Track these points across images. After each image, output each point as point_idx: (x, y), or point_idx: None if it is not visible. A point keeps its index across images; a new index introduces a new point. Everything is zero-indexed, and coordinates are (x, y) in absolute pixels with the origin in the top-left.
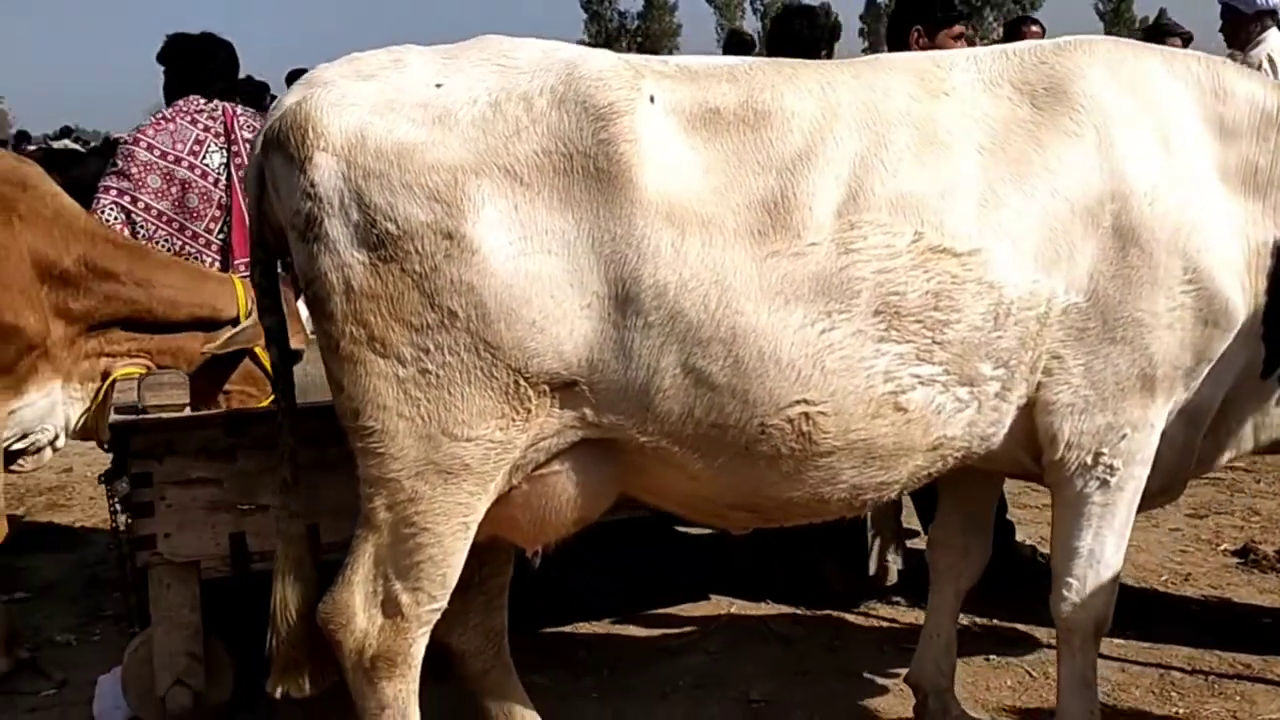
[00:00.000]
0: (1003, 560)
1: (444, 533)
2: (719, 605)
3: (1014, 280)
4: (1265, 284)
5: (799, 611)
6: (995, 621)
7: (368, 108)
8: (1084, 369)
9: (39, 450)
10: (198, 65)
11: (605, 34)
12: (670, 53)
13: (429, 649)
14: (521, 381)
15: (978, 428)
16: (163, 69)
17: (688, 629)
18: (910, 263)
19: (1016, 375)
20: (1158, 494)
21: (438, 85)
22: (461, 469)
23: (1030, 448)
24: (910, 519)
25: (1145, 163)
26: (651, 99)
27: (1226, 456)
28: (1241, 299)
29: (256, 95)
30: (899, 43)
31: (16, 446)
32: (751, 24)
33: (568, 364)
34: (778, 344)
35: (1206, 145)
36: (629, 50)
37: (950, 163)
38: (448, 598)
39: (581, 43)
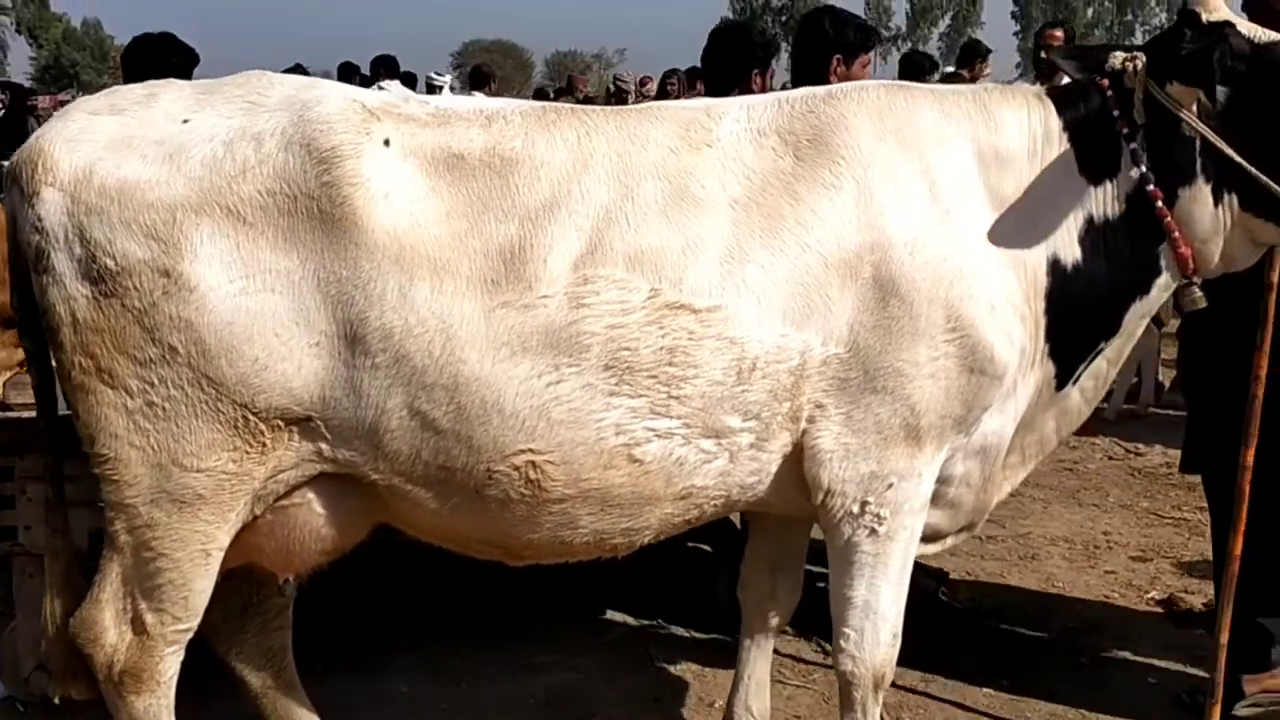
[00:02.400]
0: None
1: (182, 559)
2: (612, 621)
3: (758, 335)
4: (1044, 304)
5: (687, 634)
6: None
7: (103, 143)
8: (845, 417)
9: None
10: (153, 66)
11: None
12: None
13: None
14: (250, 416)
15: (735, 477)
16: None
17: (566, 646)
18: (645, 319)
19: (773, 426)
20: (962, 531)
21: (185, 121)
22: (195, 498)
23: (805, 493)
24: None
25: (907, 212)
26: (386, 142)
27: (1033, 465)
28: (1015, 336)
29: None
30: (814, 70)
31: None
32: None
33: (299, 400)
34: (502, 394)
35: (980, 181)
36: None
37: (698, 218)
38: (195, 618)
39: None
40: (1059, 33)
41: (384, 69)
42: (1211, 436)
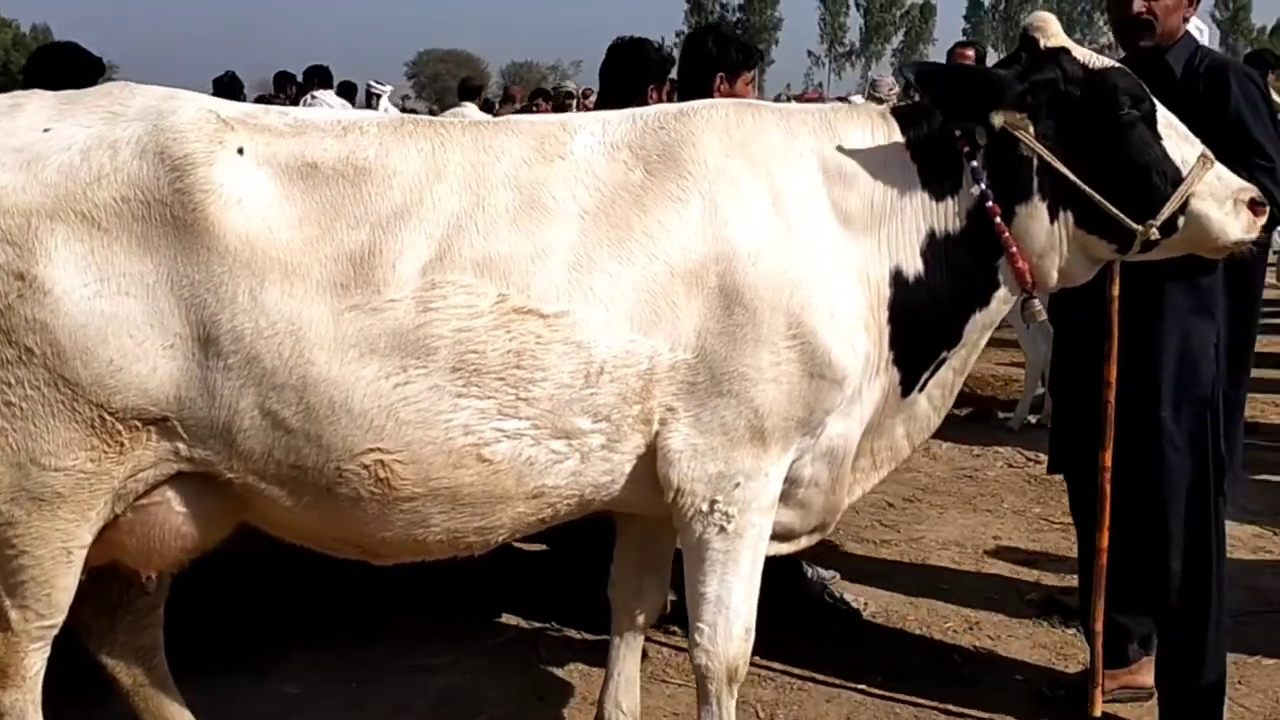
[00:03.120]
0: (790, 599)
1: (43, 556)
2: (506, 623)
3: (606, 341)
4: (887, 314)
5: (578, 636)
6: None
7: None
8: (694, 419)
9: None
10: (52, 76)
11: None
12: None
13: None
14: (107, 416)
15: (587, 477)
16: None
17: (457, 646)
18: (492, 323)
19: (624, 428)
20: (815, 531)
21: (45, 130)
22: (54, 497)
23: (660, 493)
24: None
25: (751, 224)
26: (240, 151)
27: (886, 470)
28: (857, 343)
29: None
30: (699, 87)
31: None
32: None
33: (155, 400)
34: (350, 394)
35: (824, 196)
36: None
37: (547, 226)
38: (59, 615)
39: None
40: (969, 52)
41: (317, 79)
42: (1072, 439)
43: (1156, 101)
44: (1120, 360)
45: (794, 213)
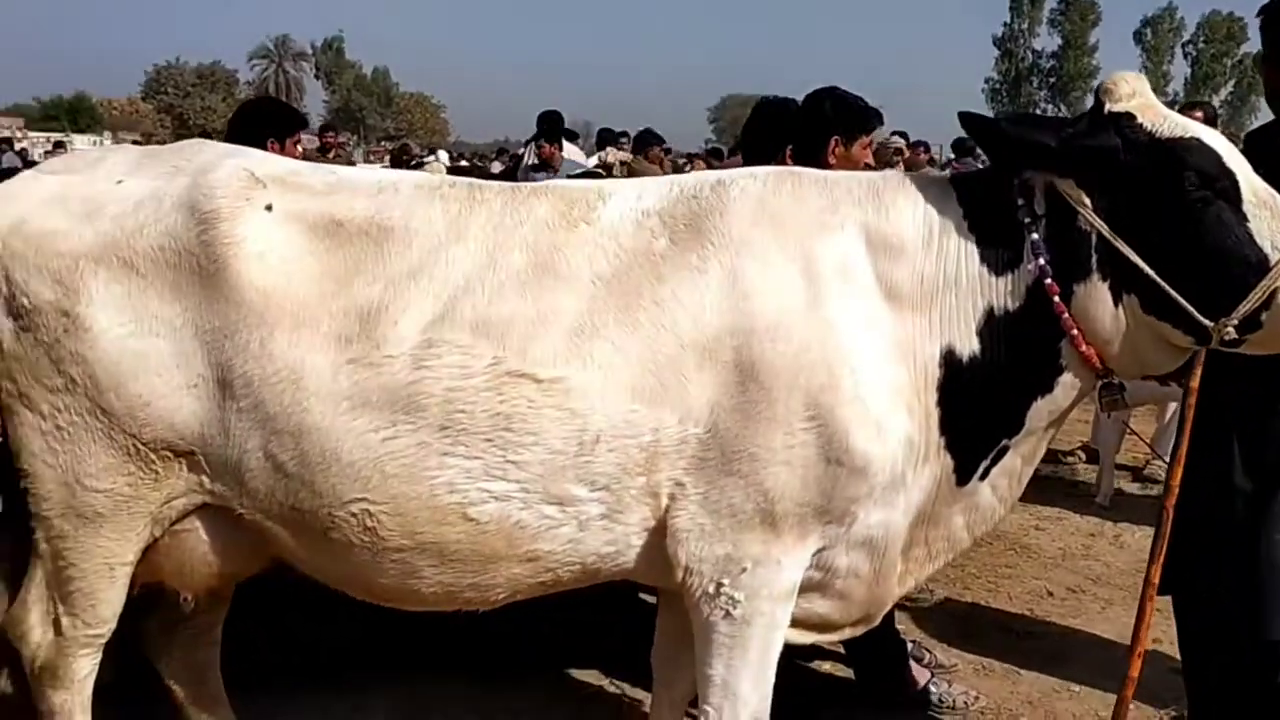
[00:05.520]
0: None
1: (88, 570)
2: (603, 677)
3: (603, 409)
4: (937, 396)
5: None
6: None
7: (41, 198)
8: (702, 498)
9: None
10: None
11: (1015, 73)
12: (1084, 95)
13: None
14: (140, 445)
15: (588, 545)
16: None
17: (548, 691)
18: (483, 384)
19: (626, 499)
20: (857, 622)
21: (119, 182)
22: (96, 515)
23: (670, 569)
24: None
25: (773, 297)
26: (269, 207)
27: (942, 561)
28: (889, 428)
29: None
30: (814, 150)
31: None
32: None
33: (181, 435)
34: (340, 444)
35: (866, 269)
36: (1041, 91)
37: (555, 292)
38: (106, 625)
39: (990, 80)
40: (1198, 114)
41: (548, 124)
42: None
43: (1248, 178)
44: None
45: (825, 286)
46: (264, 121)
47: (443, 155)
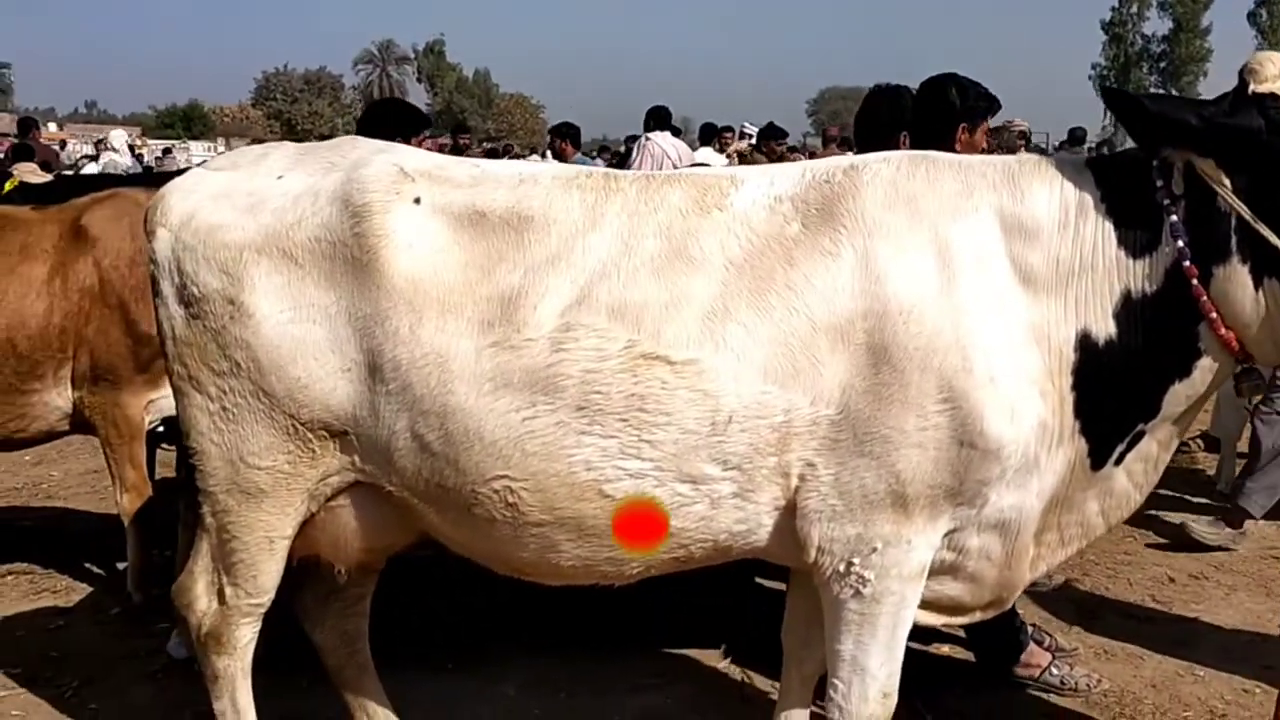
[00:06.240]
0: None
1: (250, 543)
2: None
3: (736, 390)
4: (1071, 380)
5: None
6: None
7: (209, 193)
8: (833, 479)
9: None
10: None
11: (1124, 58)
12: (1196, 79)
13: None
14: (298, 425)
15: (720, 524)
16: None
17: (672, 670)
18: (619, 366)
19: (758, 479)
20: (988, 605)
21: (279, 177)
22: (258, 491)
23: (801, 549)
24: None
25: (906, 280)
26: (417, 200)
27: (1076, 547)
28: (1023, 411)
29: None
30: (939, 136)
31: (161, 430)
32: None
33: (336, 416)
34: (482, 424)
35: (1000, 253)
36: (1151, 76)
37: (689, 276)
38: (266, 595)
39: (1097, 65)
40: None
41: (654, 120)
42: None
43: None
44: None
45: (959, 270)
46: (390, 122)
47: (543, 159)
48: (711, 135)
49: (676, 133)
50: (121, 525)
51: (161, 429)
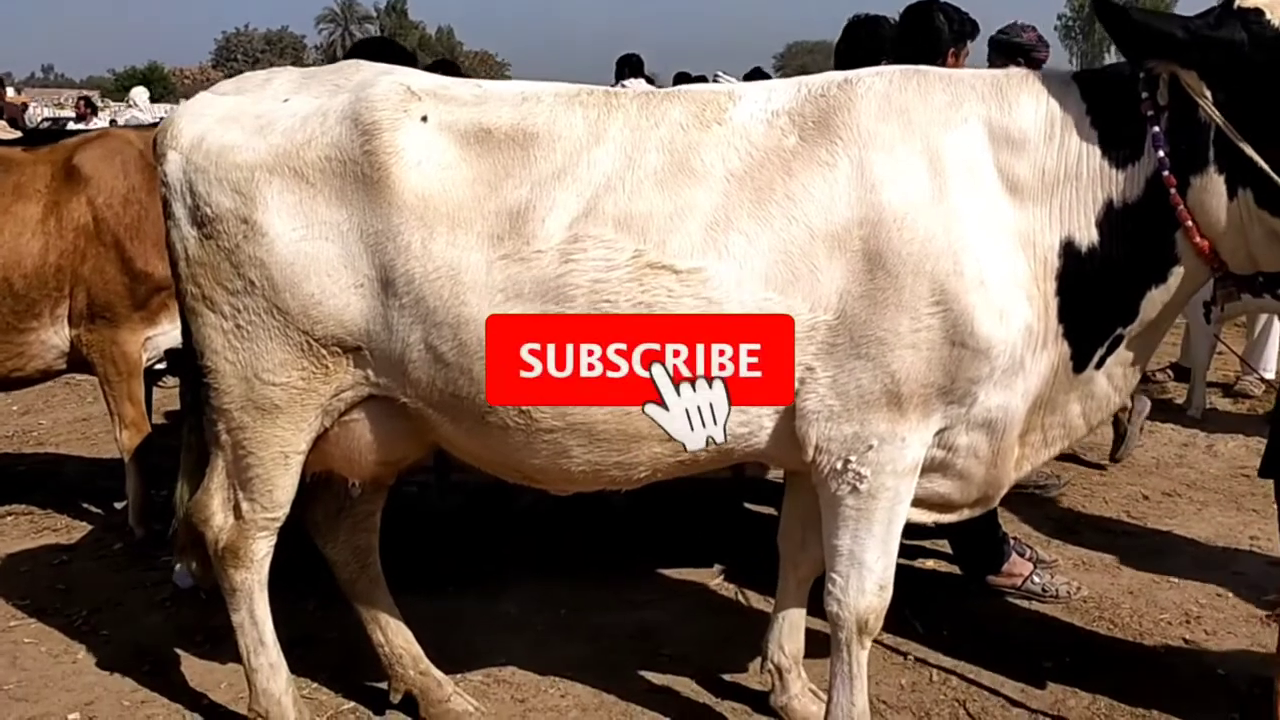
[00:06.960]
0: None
1: (265, 458)
2: (719, 571)
3: (738, 297)
4: (1055, 285)
5: None
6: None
7: (217, 117)
8: (831, 380)
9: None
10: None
11: (1089, 8)
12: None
13: None
14: (312, 342)
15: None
16: None
17: (667, 587)
18: (626, 275)
19: None
20: (975, 503)
21: (285, 100)
22: (273, 408)
23: (799, 449)
24: None
25: (900, 188)
26: (424, 118)
27: (1059, 447)
28: (1011, 314)
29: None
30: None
31: (159, 366)
32: None
33: (350, 331)
34: None
35: (988, 162)
36: None
37: (691, 188)
38: (281, 509)
39: (1063, 16)
40: None
41: (629, 68)
42: None
43: None
44: None
45: (950, 178)
46: (379, 58)
47: None
48: (687, 82)
49: (650, 81)
50: (116, 470)
51: (163, 364)
